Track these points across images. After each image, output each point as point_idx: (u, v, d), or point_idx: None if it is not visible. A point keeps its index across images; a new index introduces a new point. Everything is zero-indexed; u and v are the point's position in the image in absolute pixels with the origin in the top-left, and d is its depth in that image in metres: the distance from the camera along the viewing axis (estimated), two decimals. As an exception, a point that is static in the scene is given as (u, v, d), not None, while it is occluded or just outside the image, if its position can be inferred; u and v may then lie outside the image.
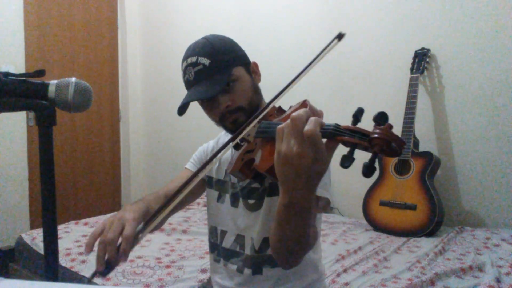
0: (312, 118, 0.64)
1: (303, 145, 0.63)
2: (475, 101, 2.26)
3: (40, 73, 0.71)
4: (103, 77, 3.60)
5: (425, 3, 2.40)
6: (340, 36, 0.92)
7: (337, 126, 0.66)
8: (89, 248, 0.77)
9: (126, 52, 3.79)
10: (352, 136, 0.64)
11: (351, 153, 0.64)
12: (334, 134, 0.65)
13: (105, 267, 0.75)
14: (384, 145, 0.62)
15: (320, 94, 2.72)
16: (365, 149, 0.64)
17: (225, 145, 0.89)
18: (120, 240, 0.78)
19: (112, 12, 3.65)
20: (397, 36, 2.50)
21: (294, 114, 0.65)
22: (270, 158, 0.80)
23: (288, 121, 0.65)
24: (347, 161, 0.63)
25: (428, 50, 2.33)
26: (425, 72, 2.35)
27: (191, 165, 1.20)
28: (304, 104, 0.83)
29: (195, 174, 0.87)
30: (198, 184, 1.16)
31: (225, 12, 3.27)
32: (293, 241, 0.77)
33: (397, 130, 2.29)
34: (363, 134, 0.64)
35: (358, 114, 0.67)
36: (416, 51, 2.36)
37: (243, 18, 3.15)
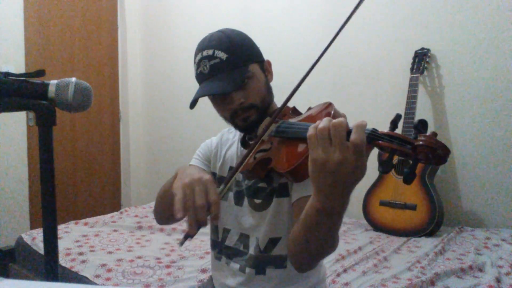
0: (358, 125, 0.62)
1: (345, 152, 0.62)
2: (475, 101, 2.26)
3: (40, 73, 0.71)
4: (103, 77, 3.60)
5: (425, 3, 2.40)
6: None
7: (374, 130, 0.66)
8: (182, 211, 0.75)
9: (126, 52, 3.79)
10: (391, 142, 0.64)
11: (390, 158, 0.64)
12: (373, 138, 0.65)
13: (197, 229, 0.75)
14: (430, 152, 0.61)
15: (320, 94, 2.72)
16: (406, 155, 0.64)
17: (248, 153, 0.86)
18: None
19: (112, 12, 3.65)
20: (397, 36, 2.50)
21: (335, 121, 0.63)
22: (292, 159, 0.78)
23: (325, 125, 0.64)
24: (386, 167, 0.64)
25: (428, 50, 2.33)
26: (425, 72, 2.35)
27: (196, 161, 1.16)
28: (329, 106, 0.82)
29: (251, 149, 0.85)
30: None
31: (225, 12, 3.27)
32: (319, 245, 0.76)
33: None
34: (405, 140, 0.64)
35: (396, 120, 0.67)
36: (416, 51, 2.36)
37: (243, 17, 3.15)
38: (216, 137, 1.21)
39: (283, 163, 0.80)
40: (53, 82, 0.71)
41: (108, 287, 1.41)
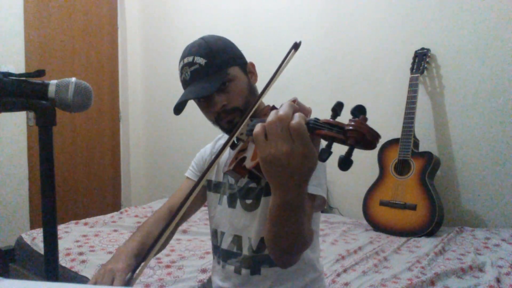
0: (297, 114, 0.63)
1: (291, 143, 0.63)
2: (475, 101, 2.26)
3: (40, 73, 0.71)
4: (103, 77, 3.60)
5: (425, 3, 2.40)
6: (296, 46, 0.94)
7: (316, 120, 0.66)
8: None
9: (126, 52, 3.79)
10: (330, 130, 0.64)
11: (329, 146, 0.64)
12: (314, 128, 0.65)
13: None
14: (359, 137, 0.61)
15: (320, 94, 2.72)
16: (342, 142, 0.64)
17: (221, 150, 0.89)
18: None
19: (112, 12, 3.65)
20: (397, 36, 2.50)
21: (280, 113, 0.64)
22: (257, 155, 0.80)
23: (272, 119, 0.65)
24: (324, 154, 0.63)
25: (428, 50, 2.33)
26: (425, 72, 2.35)
27: (190, 173, 1.22)
28: (294, 101, 0.83)
29: (191, 191, 0.89)
30: (200, 191, 1.18)
31: (225, 11, 3.27)
32: (288, 240, 0.77)
33: (397, 130, 2.29)
34: (339, 127, 0.64)
35: (337, 108, 0.67)
36: (416, 51, 2.36)
37: (243, 17, 3.15)
38: (210, 144, 1.26)
39: (250, 160, 0.82)
40: (53, 82, 0.71)
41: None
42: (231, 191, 1.11)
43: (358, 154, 0.66)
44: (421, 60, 2.31)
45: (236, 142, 1.01)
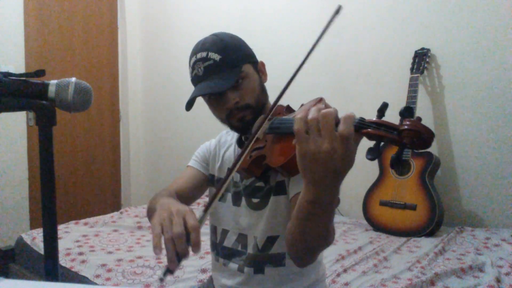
0: (346, 116, 0.63)
1: (333, 142, 0.62)
2: (475, 101, 2.26)
3: (40, 73, 0.71)
4: (103, 77, 3.59)
5: (425, 3, 2.40)
6: (338, 10, 0.92)
7: (362, 119, 0.66)
8: (158, 248, 0.71)
9: (126, 52, 3.78)
10: (378, 129, 0.64)
11: (377, 146, 0.65)
12: (360, 127, 0.65)
13: (178, 263, 0.71)
14: (415, 136, 0.62)
15: (320, 94, 2.71)
16: (392, 141, 0.64)
17: (246, 147, 0.85)
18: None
19: (112, 12, 3.65)
20: (397, 36, 2.50)
21: (324, 111, 0.64)
22: (285, 153, 0.80)
23: (314, 116, 0.64)
24: (373, 154, 0.64)
25: (428, 50, 2.33)
26: (425, 72, 2.35)
27: (194, 163, 1.19)
28: (320, 101, 0.83)
29: (222, 184, 0.83)
30: (203, 181, 1.17)
31: (225, 12, 3.27)
32: (314, 238, 0.76)
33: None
34: (390, 127, 0.64)
35: (383, 108, 0.68)
36: (416, 51, 2.36)
37: (243, 18, 3.15)
38: (215, 139, 1.23)
39: (276, 158, 0.82)
40: (53, 82, 0.71)
41: (108, 287, 1.41)
42: (235, 189, 1.10)
43: (358, 154, 0.66)
44: (421, 60, 2.31)
45: (245, 141, 1.00)
